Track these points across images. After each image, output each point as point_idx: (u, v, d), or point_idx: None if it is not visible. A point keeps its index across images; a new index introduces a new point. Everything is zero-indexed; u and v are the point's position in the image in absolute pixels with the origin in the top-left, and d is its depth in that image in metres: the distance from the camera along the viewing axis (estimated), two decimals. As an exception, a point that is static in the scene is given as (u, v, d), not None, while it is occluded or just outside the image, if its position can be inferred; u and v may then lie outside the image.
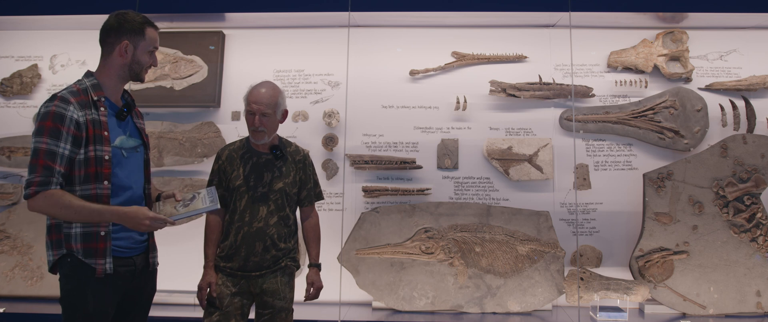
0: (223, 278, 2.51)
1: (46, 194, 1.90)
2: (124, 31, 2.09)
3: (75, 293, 1.99)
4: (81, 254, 1.98)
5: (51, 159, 1.91)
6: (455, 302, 3.51)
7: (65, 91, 2.01)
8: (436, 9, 3.70)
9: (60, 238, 2.00)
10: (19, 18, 3.88)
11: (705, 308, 3.50)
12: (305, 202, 2.69)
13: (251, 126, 2.50)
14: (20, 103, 4.01)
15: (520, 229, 3.59)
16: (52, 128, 1.91)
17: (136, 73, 2.14)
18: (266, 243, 2.51)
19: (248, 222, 2.49)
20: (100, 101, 2.05)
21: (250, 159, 2.55)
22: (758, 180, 3.53)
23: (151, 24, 2.16)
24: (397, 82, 3.91)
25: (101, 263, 1.99)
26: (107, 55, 2.12)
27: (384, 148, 3.86)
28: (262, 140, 2.54)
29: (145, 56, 2.14)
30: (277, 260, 2.55)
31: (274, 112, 2.51)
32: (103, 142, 2.01)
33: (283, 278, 2.57)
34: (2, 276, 3.69)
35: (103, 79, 2.10)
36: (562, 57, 3.85)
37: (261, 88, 2.52)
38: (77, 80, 2.09)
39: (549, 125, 3.84)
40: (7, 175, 3.93)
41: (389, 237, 3.59)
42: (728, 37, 3.89)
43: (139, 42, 2.11)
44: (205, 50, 3.92)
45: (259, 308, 2.56)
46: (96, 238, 1.99)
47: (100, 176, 1.99)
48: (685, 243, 3.55)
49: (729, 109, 3.76)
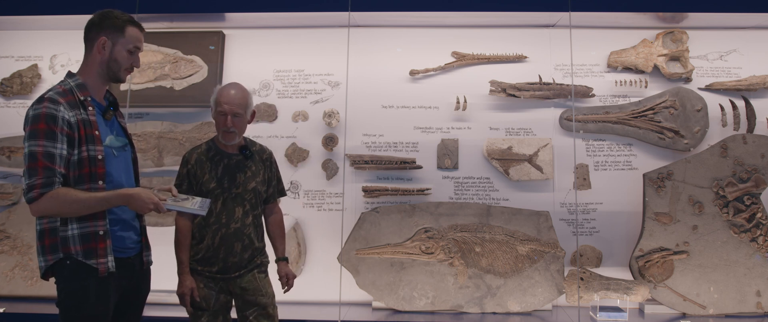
0: (203, 280, 2.50)
1: (51, 194, 1.89)
2: (103, 28, 2.08)
3: (76, 296, 1.97)
4: (81, 256, 1.96)
5: (50, 160, 1.89)
6: (455, 302, 3.51)
7: (52, 92, 1.98)
8: (436, 9, 3.70)
9: (55, 242, 1.96)
10: (19, 18, 3.89)
11: (705, 308, 3.50)
12: (270, 199, 2.70)
13: (223, 127, 2.48)
14: (20, 103, 4.01)
15: (520, 229, 3.59)
16: (46, 130, 1.89)
17: (114, 72, 2.10)
18: (244, 243, 2.52)
19: (225, 223, 2.49)
20: (87, 101, 2.03)
21: (220, 161, 2.53)
22: (758, 180, 3.53)
23: (134, 23, 2.13)
24: (397, 82, 3.91)
25: (103, 262, 1.98)
26: (88, 53, 2.10)
27: (384, 148, 3.86)
28: (233, 141, 2.53)
29: (124, 55, 2.10)
30: (253, 259, 2.56)
31: (244, 112, 2.51)
32: (95, 141, 1.99)
33: (260, 275, 2.58)
34: (2, 276, 3.69)
35: (86, 78, 2.08)
36: (562, 57, 3.85)
37: (231, 89, 2.50)
38: (60, 81, 2.06)
39: (549, 125, 3.84)
40: (7, 175, 3.93)
41: (389, 237, 3.59)
42: (728, 37, 3.88)
43: (118, 39, 2.08)
44: (205, 50, 3.92)
45: (242, 309, 2.55)
46: (95, 238, 1.98)
47: (94, 175, 1.98)
48: (685, 243, 3.55)
49: (729, 109, 3.76)
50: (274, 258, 2.69)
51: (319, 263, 3.79)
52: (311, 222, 3.85)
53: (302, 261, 3.78)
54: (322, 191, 3.87)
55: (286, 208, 3.55)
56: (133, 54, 2.14)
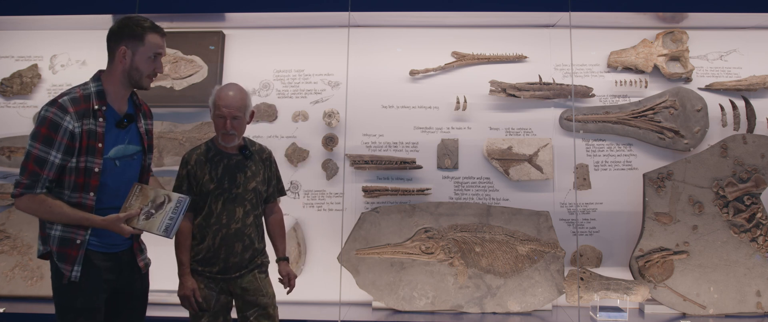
0: (203, 280, 2.50)
1: (31, 196, 1.95)
2: (122, 37, 2.07)
3: (62, 289, 2.05)
4: (55, 257, 2.03)
5: (40, 166, 1.94)
6: (455, 302, 3.51)
7: (67, 97, 1.99)
8: (436, 9, 3.70)
9: (45, 235, 2.05)
10: (19, 18, 3.88)
11: (705, 308, 3.50)
12: (270, 198, 2.70)
13: (222, 129, 2.48)
14: (20, 103, 4.01)
15: (520, 229, 3.59)
16: (45, 136, 1.93)
17: (136, 81, 2.10)
18: (245, 243, 2.52)
19: (226, 224, 2.49)
20: (100, 111, 2.03)
21: (220, 161, 2.53)
22: (758, 180, 3.53)
23: (155, 29, 2.11)
24: (397, 82, 3.91)
25: (68, 270, 2.02)
26: (111, 61, 2.11)
27: (384, 148, 3.86)
28: (233, 143, 2.53)
29: (145, 63, 2.09)
30: (253, 259, 2.56)
31: (243, 114, 2.51)
32: (95, 153, 2.01)
33: (260, 275, 2.59)
34: (2, 276, 3.69)
35: (108, 85, 2.09)
36: (562, 57, 3.85)
37: (229, 91, 2.49)
38: (83, 84, 2.07)
39: (549, 125, 3.84)
40: (7, 175, 3.93)
41: (389, 237, 3.59)
42: (728, 37, 3.88)
43: (138, 48, 2.07)
44: (205, 50, 3.92)
45: (243, 309, 2.56)
46: (71, 244, 2.02)
47: (87, 186, 2.01)
48: (685, 243, 3.55)
49: (729, 109, 3.76)
50: (274, 258, 2.69)
51: (319, 263, 3.79)
52: (311, 222, 3.85)
53: (302, 261, 3.78)
54: (322, 191, 3.87)
55: (286, 208, 3.55)
56: (155, 60, 2.12)
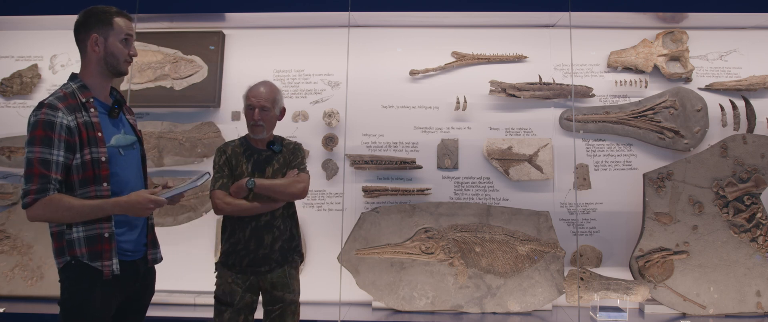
0: (232, 276, 2.53)
1: (45, 200, 1.90)
2: (91, 25, 2.07)
3: (79, 297, 1.98)
4: (87, 258, 1.97)
5: (46, 167, 1.90)
6: (455, 302, 3.51)
7: (52, 97, 1.98)
8: (436, 9, 3.70)
9: (62, 245, 1.98)
10: (19, 18, 3.89)
11: (705, 308, 3.50)
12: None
13: (251, 120, 2.54)
14: (20, 103, 4.01)
15: (520, 229, 3.59)
16: (43, 137, 1.90)
17: (113, 66, 2.10)
18: (275, 235, 2.54)
19: (256, 216, 2.52)
20: (89, 102, 2.03)
21: (251, 156, 2.59)
22: (758, 180, 3.53)
23: (120, 13, 2.11)
24: (397, 82, 3.91)
25: (108, 265, 1.98)
26: (84, 54, 2.10)
27: (384, 148, 3.86)
28: (261, 135, 2.56)
29: (118, 46, 2.09)
30: (285, 254, 2.58)
31: (272, 107, 2.55)
32: (98, 143, 1.99)
33: (290, 271, 2.60)
34: (2, 276, 3.69)
35: (87, 79, 2.08)
36: (562, 57, 3.85)
37: (260, 86, 2.58)
38: (63, 84, 2.07)
39: (549, 125, 3.84)
40: (7, 175, 3.93)
41: (389, 237, 3.59)
42: (728, 37, 3.88)
43: (109, 33, 2.07)
44: (205, 50, 3.92)
45: (267, 303, 2.58)
46: (100, 240, 1.98)
47: (98, 178, 1.98)
48: (685, 243, 3.55)
49: (729, 109, 3.76)
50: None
51: (319, 263, 3.78)
52: (311, 222, 3.85)
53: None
54: (322, 191, 3.87)
55: (286, 208, 3.55)
56: (127, 43, 2.12)
